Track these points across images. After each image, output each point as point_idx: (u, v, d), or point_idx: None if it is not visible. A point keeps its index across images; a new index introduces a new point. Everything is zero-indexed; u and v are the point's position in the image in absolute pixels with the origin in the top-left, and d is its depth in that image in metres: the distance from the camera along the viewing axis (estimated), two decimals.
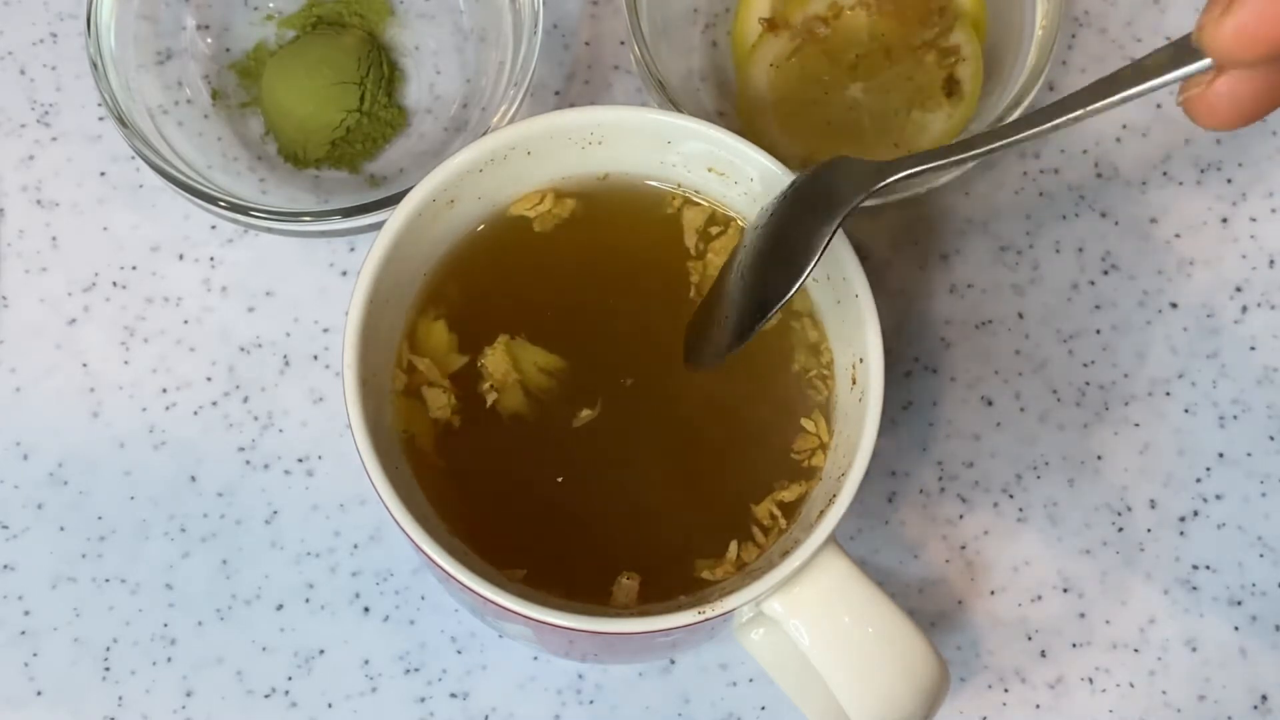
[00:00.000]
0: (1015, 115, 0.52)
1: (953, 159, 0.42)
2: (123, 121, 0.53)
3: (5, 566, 0.53)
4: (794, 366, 0.48)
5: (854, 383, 0.46)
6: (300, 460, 0.54)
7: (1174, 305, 0.56)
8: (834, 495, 0.44)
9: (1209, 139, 0.58)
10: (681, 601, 0.45)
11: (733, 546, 0.46)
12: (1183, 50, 0.38)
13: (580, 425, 0.47)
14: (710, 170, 0.48)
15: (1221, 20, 0.35)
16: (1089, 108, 0.40)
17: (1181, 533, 0.54)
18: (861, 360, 0.45)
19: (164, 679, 0.52)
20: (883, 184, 0.43)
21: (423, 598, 0.53)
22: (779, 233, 0.44)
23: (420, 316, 0.48)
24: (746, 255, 0.45)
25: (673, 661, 0.53)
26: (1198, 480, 0.55)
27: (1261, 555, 0.54)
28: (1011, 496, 0.55)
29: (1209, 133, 0.58)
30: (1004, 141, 0.42)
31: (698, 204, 0.49)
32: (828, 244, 0.42)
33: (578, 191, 0.49)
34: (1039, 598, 0.54)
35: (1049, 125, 0.40)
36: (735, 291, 0.45)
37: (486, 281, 0.48)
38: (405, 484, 0.45)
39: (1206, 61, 0.37)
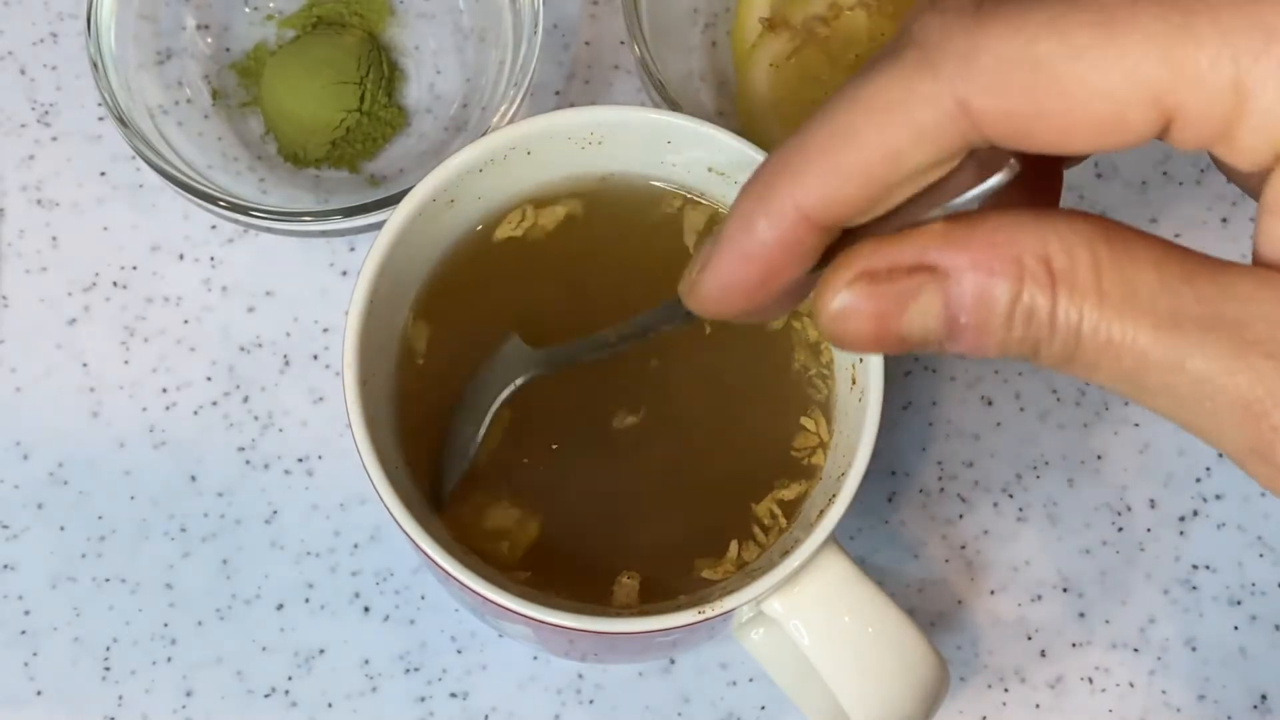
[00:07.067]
0: None
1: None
2: (123, 121, 0.53)
3: (5, 566, 0.53)
4: (794, 365, 0.48)
5: (854, 383, 0.46)
6: (300, 460, 0.54)
7: None
8: (834, 495, 0.44)
9: None
10: (681, 601, 0.45)
11: (733, 546, 0.46)
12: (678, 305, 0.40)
13: (582, 425, 0.47)
14: (710, 170, 0.48)
15: (695, 288, 0.37)
16: (617, 345, 0.44)
17: (1181, 533, 0.54)
18: (861, 360, 0.46)
19: (164, 679, 0.52)
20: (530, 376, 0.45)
21: (423, 598, 0.53)
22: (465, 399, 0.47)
23: (416, 325, 0.48)
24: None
25: (673, 661, 0.53)
26: (1198, 480, 0.55)
27: (1261, 555, 0.54)
28: (1011, 496, 0.55)
29: None
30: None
31: (698, 204, 0.49)
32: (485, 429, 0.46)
33: (577, 192, 0.49)
34: (1039, 598, 0.54)
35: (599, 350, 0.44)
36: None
37: (485, 284, 0.48)
38: (405, 484, 0.45)
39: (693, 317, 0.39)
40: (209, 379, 0.55)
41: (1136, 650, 0.53)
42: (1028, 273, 0.33)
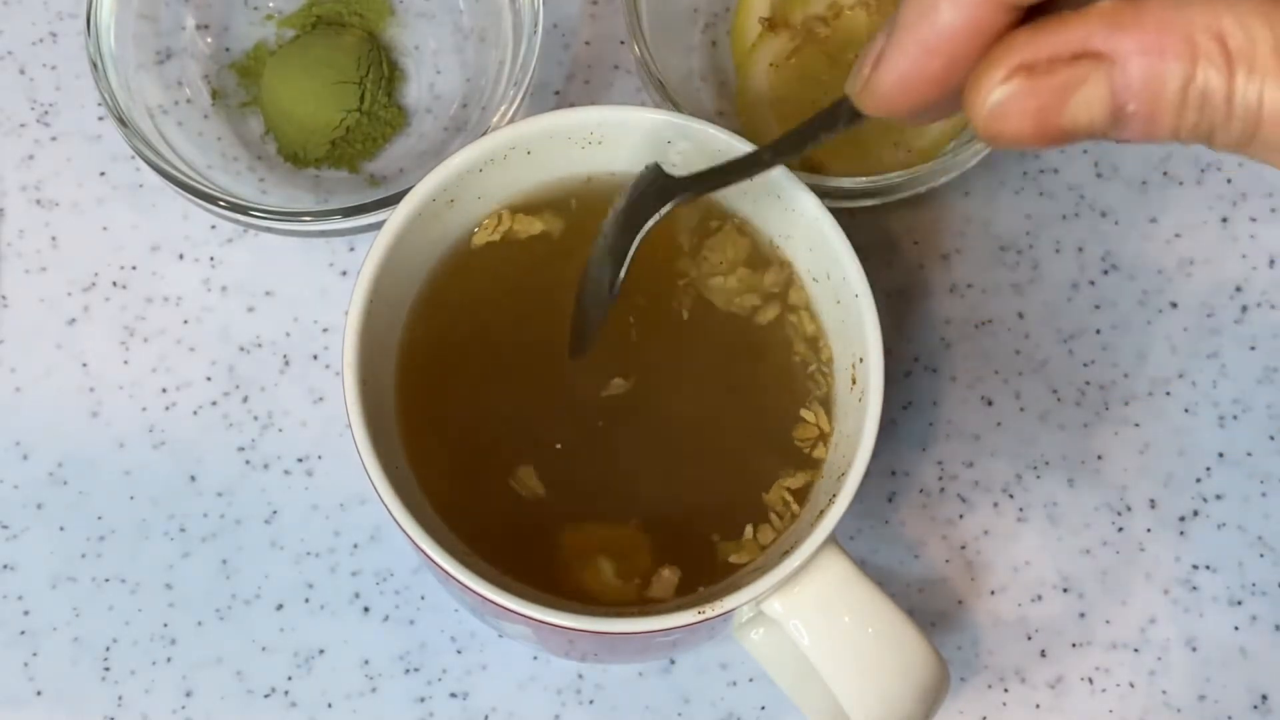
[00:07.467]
0: None
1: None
2: (123, 121, 0.53)
3: (5, 566, 0.53)
4: (794, 359, 0.48)
5: (854, 382, 0.46)
6: (300, 460, 0.54)
7: (1174, 305, 0.56)
8: (834, 495, 0.44)
9: None
10: (682, 601, 0.45)
11: (748, 529, 0.46)
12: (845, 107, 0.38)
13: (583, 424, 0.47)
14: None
15: (871, 86, 0.35)
16: (773, 161, 0.43)
17: (1181, 533, 0.54)
18: (861, 360, 0.46)
19: (164, 679, 0.52)
20: (675, 201, 0.44)
21: (423, 598, 0.53)
22: (604, 240, 0.45)
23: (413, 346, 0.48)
24: (594, 253, 0.45)
25: (673, 661, 0.53)
26: (1198, 480, 0.55)
27: (1261, 555, 0.54)
28: (1011, 496, 0.55)
29: None
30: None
31: (695, 203, 0.49)
32: (631, 256, 0.44)
33: (575, 192, 0.49)
34: (1039, 598, 0.54)
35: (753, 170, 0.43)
36: (585, 287, 0.45)
37: (483, 284, 0.48)
38: (405, 484, 0.45)
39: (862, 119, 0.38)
40: (209, 379, 0.55)
41: (1136, 650, 0.53)
42: (1201, 52, 0.31)
